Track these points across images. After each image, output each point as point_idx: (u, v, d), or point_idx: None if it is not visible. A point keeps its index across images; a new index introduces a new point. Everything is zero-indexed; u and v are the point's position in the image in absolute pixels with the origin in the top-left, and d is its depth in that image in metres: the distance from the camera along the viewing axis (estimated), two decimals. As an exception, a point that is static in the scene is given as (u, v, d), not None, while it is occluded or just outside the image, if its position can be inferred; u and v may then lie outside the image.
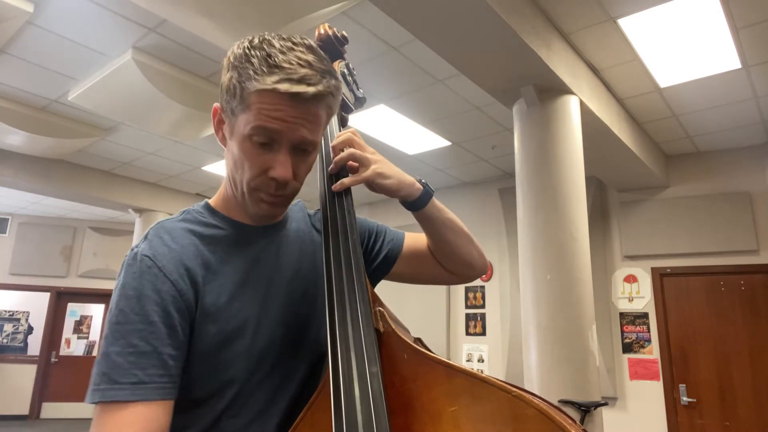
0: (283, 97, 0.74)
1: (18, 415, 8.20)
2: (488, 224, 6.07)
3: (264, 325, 0.82)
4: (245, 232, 0.86)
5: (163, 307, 0.73)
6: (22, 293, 8.63)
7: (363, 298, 0.77)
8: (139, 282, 0.73)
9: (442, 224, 0.97)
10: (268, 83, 0.74)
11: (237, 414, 0.80)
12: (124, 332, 0.70)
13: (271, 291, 0.84)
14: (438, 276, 1.03)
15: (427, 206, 0.94)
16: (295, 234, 0.93)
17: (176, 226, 0.82)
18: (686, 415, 4.73)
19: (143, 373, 0.68)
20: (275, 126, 0.75)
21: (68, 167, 6.18)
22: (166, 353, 0.71)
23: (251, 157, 0.78)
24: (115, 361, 0.68)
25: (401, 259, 1.01)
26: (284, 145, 0.78)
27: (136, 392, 0.67)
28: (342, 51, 1.10)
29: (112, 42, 3.68)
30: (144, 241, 0.79)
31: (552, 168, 3.31)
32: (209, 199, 0.89)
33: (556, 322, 3.08)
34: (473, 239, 1.02)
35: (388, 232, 1.04)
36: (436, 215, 0.96)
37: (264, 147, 0.78)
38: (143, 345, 0.69)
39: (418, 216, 0.95)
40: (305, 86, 0.74)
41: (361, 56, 3.61)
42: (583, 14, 3.15)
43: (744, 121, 4.37)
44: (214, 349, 0.77)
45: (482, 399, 0.63)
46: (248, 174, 0.79)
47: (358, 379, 0.69)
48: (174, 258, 0.77)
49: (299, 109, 0.76)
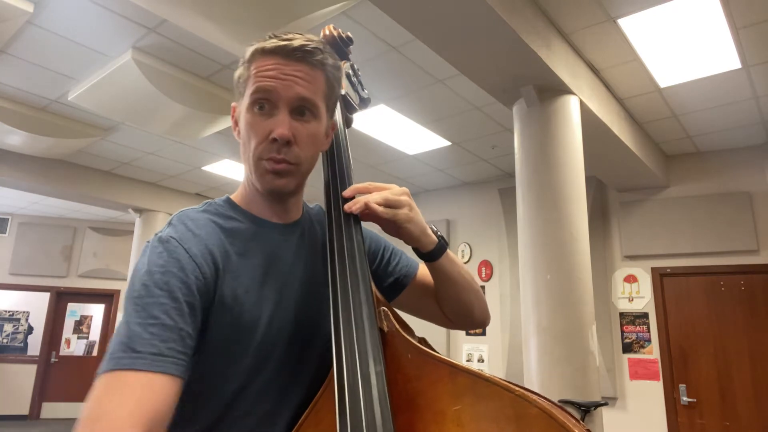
0: (274, 54, 0.80)
1: (18, 415, 8.20)
2: (488, 224, 6.07)
3: (276, 322, 0.82)
4: (264, 228, 0.86)
5: (188, 285, 0.72)
6: (22, 293, 8.62)
7: (367, 297, 0.78)
8: (166, 260, 0.73)
9: (452, 279, 0.96)
10: (261, 44, 0.81)
11: (244, 414, 0.80)
12: (147, 305, 0.69)
13: (285, 289, 0.84)
14: (436, 318, 1.03)
15: (440, 259, 0.93)
16: (312, 235, 0.93)
17: (199, 216, 0.83)
18: (686, 415, 4.73)
19: (164, 345, 0.66)
20: (270, 83, 0.79)
21: (68, 167, 6.18)
22: (186, 331, 0.70)
23: (254, 126, 0.81)
24: (135, 330, 0.66)
25: (409, 289, 1.01)
26: (282, 107, 0.80)
27: (155, 363, 0.65)
28: (347, 52, 1.10)
29: (112, 42, 3.68)
30: (168, 226, 0.80)
31: (552, 168, 3.32)
32: (230, 195, 0.91)
33: (556, 322, 3.08)
34: (480, 294, 1.01)
35: (403, 258, 1.03)
36: (447, 269, 0.95)
37: (264, 113, 0.81)
38: (166, 318, 0.68)
39: (430, 267, 0.95)
40: (297, 40, 0.80)
41: (361, 56, 3.61)
42: (583, 14, 3.15)
43: (744, 121, 4.38)
44: (226, 340, 0.77)
45: (486, 398, 0.63)
46: (253, 143, 0.82)
47: (362, 378, 0.69)
48: (199, 242, 0.78)
49: (292, 66, 0.80)
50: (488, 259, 6.08)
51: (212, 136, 4.92)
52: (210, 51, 3.72)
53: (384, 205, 0.84)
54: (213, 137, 5.03)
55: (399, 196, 0.86)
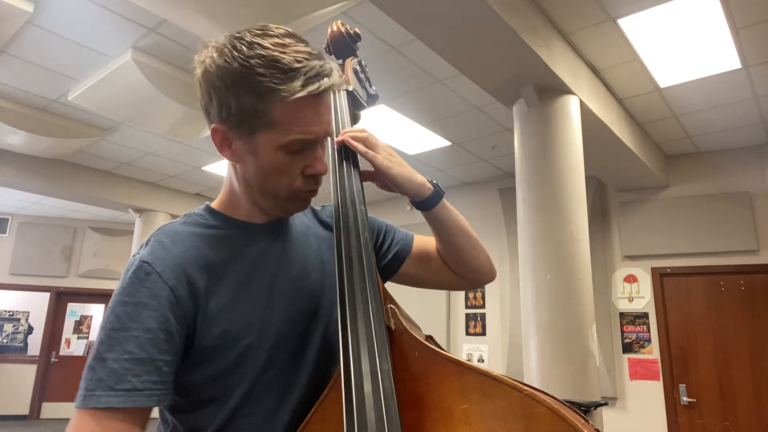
0: (310, 100, 0.76)
1: (18, 415, 8.19)
2: (488, 224, 6.07)
3: (269, 323, 0.82)
4: (248, 231, 0.85)
5: (161, 312, 0.73)
6: (22, 293, 8.62)
7: (374, 295, 0.78)
8: (138, 289, 0.73)
9: (452, 226, 0.97)
10: (297, 89, 0.73)
11: (249, 413, 0.80)
12: (120, 339, 0.70)
13: (275, 289, 0.84)
14: (445, 280, 1.03)
15: (437, 206, 0.94)
16: (301, 229, 0.93)
17: (178, 230, 0.82)
18: (686, 415, 4.73)
19: (138, 380, 0.69)
20: (312, 136, 0.78)
21: (68, 167, 6.17)
22: (161, 360, 0.72)
23: (286, 166, 0.80)
24: (111, 367, 0.69)
25: (410, 259, 1.01)
26: (318, 143, 0.81)
27: (130, 398, 0.68)
28: (354, 48, 1.10)
29: (112, 42, 3.68)
30: (145, 246, 0.79)
31: (552, 168, 3.32)
32: (210, 202, 0.90)
33: (556, 322, 3.08)
34: (482, 245, 1.02)
35: (398, 232, 1.04)
36: (446, 216, 0.96)
37: (296, 152, 0.79)
38: (139, 352, 0.70)
39: (428, 216, 0.96)
40: (325, 79, 0.76)
41: (361, 56, 3.59)
42: (583, 14, 3.15)
43: (744, 121, 4.38)
44: (220, 349, 0.77)
45: (494, 397, 0.63)
46: (286, 181, 0.81)
47: (369, 376, 0.69)
48: (174, 263, 0.77)
49: (322, 106, 0.79)
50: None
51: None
52: (210, 51, 3.71)
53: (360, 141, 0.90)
54: (213, 137, 5.02)
55: (378, 142, 0.91)
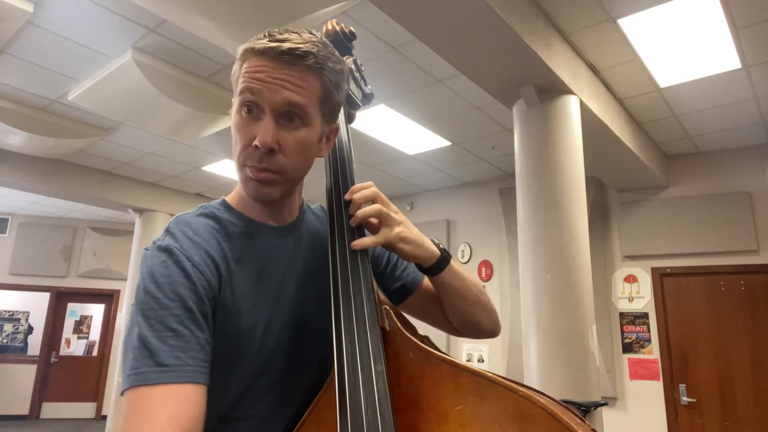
0: (263, 55, 0.75)
1: (18, 415, 8.19)
2: (488, 224, 6.07)
3: (274, 325, 0.81)
4: (260, 231, 0.85)
5: (197, 293, 0.71)
6: (22, 293, 8.62)
7: (369, 296, 0.77)
8: (171, 270, 0.71)
9: (455, 292, 0.93)
10: (252, 43, 0.76)
11: (243, 417, 0.79)
12: (161, 317, 0.67)
13: (282, 292, 0.83)
14: (444, 327, 1.01)
15: (442, 273, 0.90)
16: (311, 235, 0.92)
17: (195, 221, 0.81)
18: (686, 415, 4.73)
19: (187, 356, 0.66)
20: (256, 86, 0.75)
21: (68, 167, 6.17)
22: (204, 338, 0.70)
23: (240, 129, 0.78)
24: (155, 344, 0.65)
25: (416, 295, 0.99)
26: (268, 111, 0.76)
27: (182, 374, 0.64)
28: (349, 47, 1.09)
29: (112, 42, 3.68)
30: (166, 234, 0.77)
31: (552, 168, 3.31)
32: (225, 196, 0.89)
33: (556, 322, 3.08)
34: (486, 305, 0.98)
35: (410, 265, 1.00)
36: (449, 282, 0.92)
37: (252, 116, 0.77)
38: (182, 329, 0.67)
39: (432, 281, 0.93)
40: (281, 42, 0.75)
41: (361, 56, 3.58)
42: (583, 14, 3.15)
43: (744, 121, 4.38)
44: (224, 345, 0.76)
45: (489, 398, 0.63)
46: (238, 147, 0.78)
47: (363, 377, 0.69)
48: (199, 250, 0.76)
49: (281, 70, 0.75)
50: (488, 259, 6.08)
51: (212, 136, 4.92)
52: (210, 51, 3.72)
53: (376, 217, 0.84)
54: (213, 137, 5.02)
55: (390, 214, 0.84)
